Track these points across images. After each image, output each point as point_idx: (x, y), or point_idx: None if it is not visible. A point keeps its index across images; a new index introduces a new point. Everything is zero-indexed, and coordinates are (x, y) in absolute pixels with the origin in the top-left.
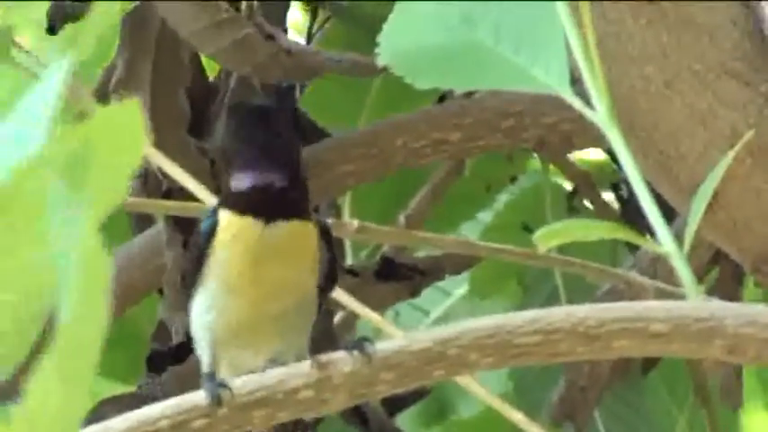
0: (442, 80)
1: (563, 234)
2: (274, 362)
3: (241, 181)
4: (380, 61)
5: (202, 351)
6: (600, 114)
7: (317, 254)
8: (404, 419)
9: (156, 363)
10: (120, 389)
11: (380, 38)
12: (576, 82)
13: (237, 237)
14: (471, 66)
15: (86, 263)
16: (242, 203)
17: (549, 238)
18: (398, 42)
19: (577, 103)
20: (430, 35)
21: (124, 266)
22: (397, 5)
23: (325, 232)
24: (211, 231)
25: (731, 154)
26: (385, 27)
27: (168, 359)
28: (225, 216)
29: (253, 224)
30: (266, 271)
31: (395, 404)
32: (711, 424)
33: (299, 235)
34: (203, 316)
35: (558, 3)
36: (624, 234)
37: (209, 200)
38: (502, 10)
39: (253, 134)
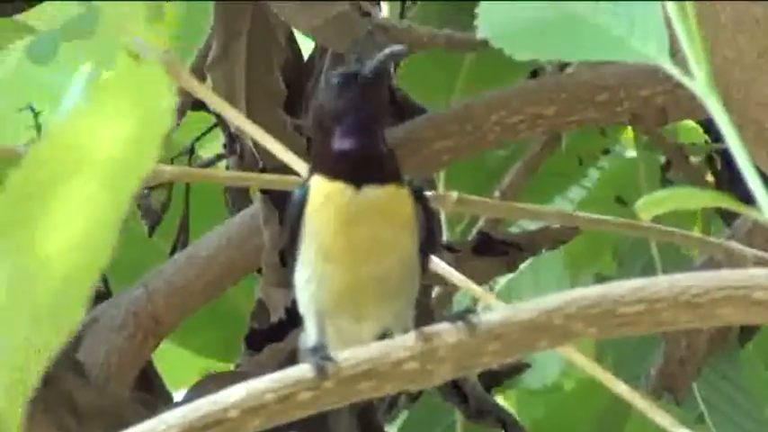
0: (540, 52)
1: (664, 203)
2: (381, 335)
3: (340, 143)
4: (479, 33)
5: (308, 324)
6: (699, 82)
7: (413, 218)
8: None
9: (255, 341)
10: (217, 367)
11: (479, 10)
12: (674, 55)
13: (328, 200)
14: (569, 38)
15: None
16: (334, 167)
17: (649, 207)
18: (497, 15)
19: (676, 72)
20: (528, 8)
21: (222, 246)
22: None
23: (420, 197)
24: (303, 199)
25: None
26: (483, 1)
27: (267, 337)
28: (316, 181)
29: (344, 188)
30: (360, 233)
31: (492, 379)
32: None
33: (391, 198)
34: (305, 288)
35: None
36: (725, 202)
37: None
38: None
39: (357, 101)
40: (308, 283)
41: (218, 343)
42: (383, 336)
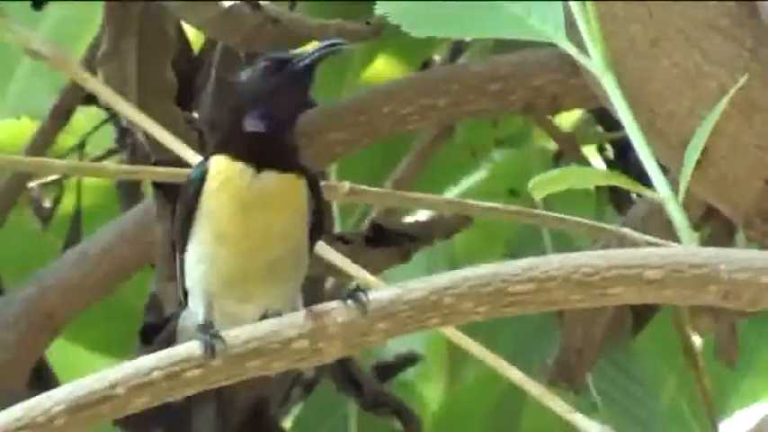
0: (438, 29)
1: (557, 182)
2: (268, 313)
3: (252, 124)
4: (377, 10)
5: (196, 303)
6: (595, 61)
7: (306, 206)
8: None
9: (149, 335)
10: (114, 363)
11: None
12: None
13: (228, 182)
14: (467, 15)
15: None
16: (238, 147)
17: (544, 185)
18: None
19: (573, 51)
20: None
21: (115, 242)
22: None
23: (313, 185)
24: (201, 178)
25: (719, 108)
26: None
27: (160, 331)
28: (217, 161)
29: (243, 170)
30: (255, 219)
31: (385, 371)
32: (699, 384)
33: (288, 185)
34: (196, 267)
35: None
36: (618, 180)
37: None
38: None
39: (280, 88)
40: (199, 262)
41: (112, 338)
42: (265, 316)
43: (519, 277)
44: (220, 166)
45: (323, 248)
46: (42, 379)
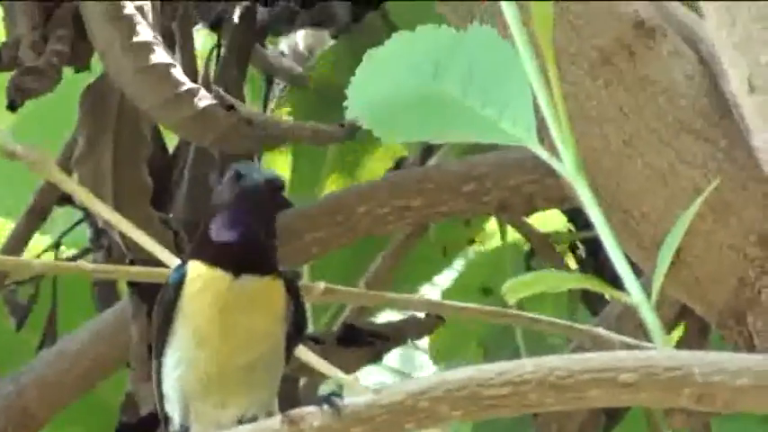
0: (410, 134)
1: (530, 285)
2: (244, 419)
3: (221, 233)
4: (348, 115)
5: (173, 407)
6: (567, 165)
7: (285, 309)
8: None
9: None
10: None
11: (349, 90)
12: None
13: (206, 286)
14: (439, 119)
15: None
16: (214, 255)
17: (517, 289)
18: (367, 95)
19: (545, 155)
20: (398, 88)
21: (92, 341)
22: (365, 57)
23: (292, 288)
24: (180, 281)
25: (693, 208)
26: (353, 79)
27: (136, 431)
28: (194, 267)
29: (222, 275)
30: (234, 322)
31: None
32: None
33: (266, 288)
34: (173, 370)
35: (525, 58)
36: (591, 283)
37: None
38: (470, 63)
39: (243, 198)
40: (177, 365)
41: None
42: (241, 422)
43: (494, 381)
44: (199, 270)
45: (298, 348)
46: None
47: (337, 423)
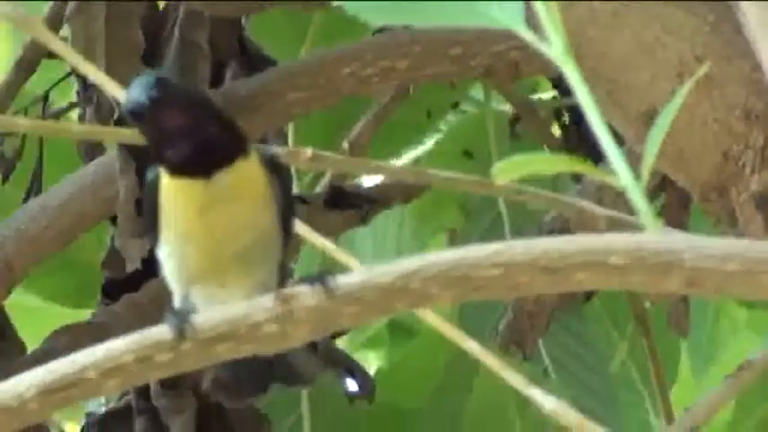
0: (394, 16)
1: (521, 167)
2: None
3: (171, 158)
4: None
5: (173, 289)
6: (555, 49)
7: (268, 191)
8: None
9: (112, 291)
10: (69, 314)
11: None
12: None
13: (179, 195)
14: (426, 2)
15: None
16: (177, 171)
17: (507, 171)
18: None
19: (533, 39)
20: None
21: (75, 194)
22: None
23: (274, 166)
24: (155, 183)
25: (687, 85)
26: None
27: (123, 287)
28: (165, 177)
29: (192, 183)
30: (214, 219)
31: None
32: (650, 351)
33: (242, 179)
34: (167, 261)
35: None
36: (580, 167)
37: None
38: None
39: (166, 124)
40: (169, 258)
41: (71, 290)
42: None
43: (485, 263)
44: (169, 182)
45: None
46: (1, 331)
47: (330, 303)
